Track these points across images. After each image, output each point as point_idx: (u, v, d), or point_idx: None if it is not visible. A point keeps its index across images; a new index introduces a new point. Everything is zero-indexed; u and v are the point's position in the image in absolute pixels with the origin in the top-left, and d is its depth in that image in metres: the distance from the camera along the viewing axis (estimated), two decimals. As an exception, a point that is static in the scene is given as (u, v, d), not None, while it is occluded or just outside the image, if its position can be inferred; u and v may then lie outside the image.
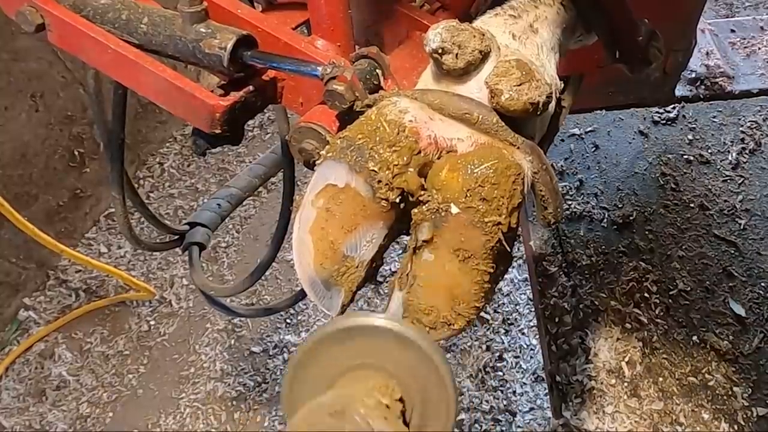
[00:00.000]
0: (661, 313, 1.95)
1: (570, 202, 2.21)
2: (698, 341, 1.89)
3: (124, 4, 0.83)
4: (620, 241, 2.11)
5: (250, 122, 2.85)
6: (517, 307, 2.25)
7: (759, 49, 2.29)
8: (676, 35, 1.82)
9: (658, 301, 1.97)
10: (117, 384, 2.24)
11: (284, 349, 2.26)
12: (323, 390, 0.54)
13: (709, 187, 2.25)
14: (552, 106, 0.73)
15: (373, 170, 0.63)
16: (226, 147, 2.84)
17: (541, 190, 0.70)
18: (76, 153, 2.48)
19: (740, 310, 1.93)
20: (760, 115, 2.44)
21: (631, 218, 2.15)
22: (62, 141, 2.43)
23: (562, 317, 1.96)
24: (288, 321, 2.34)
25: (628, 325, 1.93)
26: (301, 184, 2.06)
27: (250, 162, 2.56)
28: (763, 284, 1.99)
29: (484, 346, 2.17)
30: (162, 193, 2.75)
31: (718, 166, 2.30)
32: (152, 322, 2.38)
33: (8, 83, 2.19)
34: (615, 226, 2.14)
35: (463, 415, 2.03)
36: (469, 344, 2.19)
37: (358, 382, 0.53)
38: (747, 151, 2.34)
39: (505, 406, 2.04)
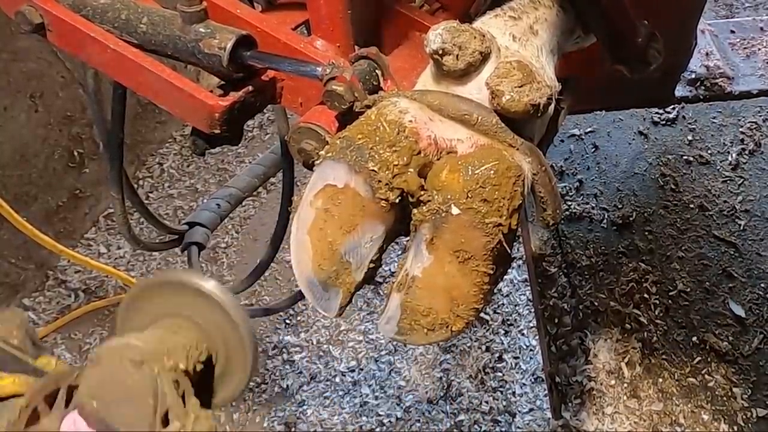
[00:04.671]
0: (661, 314, 1.95)
1: (570, 203, 2.21)
2: (698, 342, 1.89)
3: (123, 3, 0.83)
4: (620, 241, 2.11)
5: (250, 122, 2.85)
6: (517, 308, 2.25)
7: (759, 50, 2.28)
8: (676, 36, 1.82)
9: (657, 302, 1.97)
10: (116, 384, 2.23)
11: (283, 350, 2.26)
12: (145, 326, 0.61)
13: (709, 187, 2.25)
14: (551, 107, 0.73)
15: (373, 170, 0.63)
16: (225, 147, 2.85)
17: (540, 192, 0.70)
18: (76, 153, 2.48)
19: (740, 311, 1.93)
20: (760, 116, 2.44)
21: (630, 219, 2.15)
22: (61, 141, 2.42)
23: (562, 318, 1.96)
24: (287, 321, 2.33)
25: (627, 326, 1.93)
26: (300, 185, 2.06)
27: (250, 162, 2.56)
28: (762, 285, 1.99)
29: (483, 347, 2.17)
30: (161, 194, 2.75)
31: (718, 167, 2.30)
32: (151, 323, 2.38)
33: (8, 83, 2.18)
34: (615, 227, 2.14)
35: (462, 416, 2.03)
36: (468, 345, 2.19)
37: (173, 333, 0.60)
38: (746, 152, 2.34)
39: (504, 407, 2.04)
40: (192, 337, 0.60)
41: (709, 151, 2.35)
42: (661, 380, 1.84)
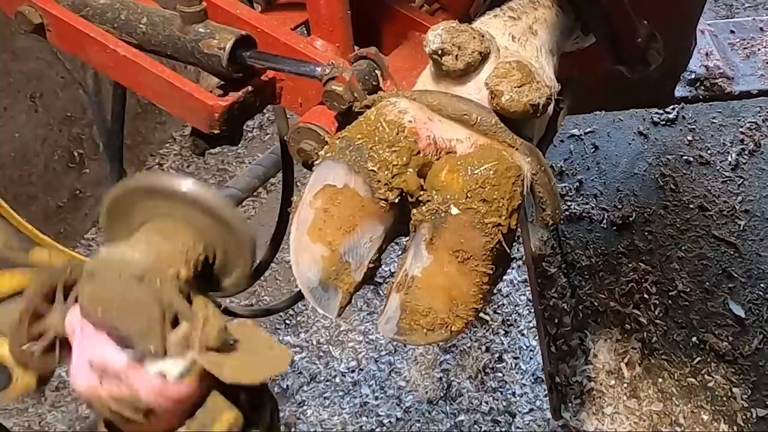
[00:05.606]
0: (661, 314, 1.95)
1: (569, 203, 2.21)
2: (698, 342, 1.90)
3: (123, 4, 0.83)
4: (620, 242, 2.11)
5: (250, 123, 2.85)
6: (517, 308, 2.25)
7: (758, 50, 2.28)
8: (676, 36, 1.82)
9: (657, 302, 1.97)
10: (116, 384, 2.23)
11: (283, 350, 2.26)
12: (133, 229, 0.59)
13: (709, 188, 2.25)
14: (551, 108, 0.73)
15: (372, 170, 0.63)
16: (225, 147, 2.85)
17: (539, 192, 0.70)
18: (76, 153, 2.48)
19: (740, 311, 1.94)
20: (760, 116, 2.44)
21: (630, 219, 2.15)
22: (61, 141, 2.42)
23: (562, 318, 1.96)
24: (287, 322, 2.33)
25: (627, 326, 1.93)
26: (300, 185, 2.06)
27: (250, 163, 2.56)
28: (762, 285, 1.99)
29: (483, 347, 2.17)
30: (161, 194, 2.75)
31: (718, 167, 2.31)
32: (151, 323, 2.38)
33: (7, 83, 2.18)
34: (614, 227, 2.14)
35: (462, 416, 2.03)
36: (468, 345, 2.19)
37: (167, 238, 0.58)
38: (746, 152, 2.34)
39: (504, 407, 2.03)
40: (188, 238, 0.58)
41: (708, 151, 2.35)
42: (660, 380, 1.84)
